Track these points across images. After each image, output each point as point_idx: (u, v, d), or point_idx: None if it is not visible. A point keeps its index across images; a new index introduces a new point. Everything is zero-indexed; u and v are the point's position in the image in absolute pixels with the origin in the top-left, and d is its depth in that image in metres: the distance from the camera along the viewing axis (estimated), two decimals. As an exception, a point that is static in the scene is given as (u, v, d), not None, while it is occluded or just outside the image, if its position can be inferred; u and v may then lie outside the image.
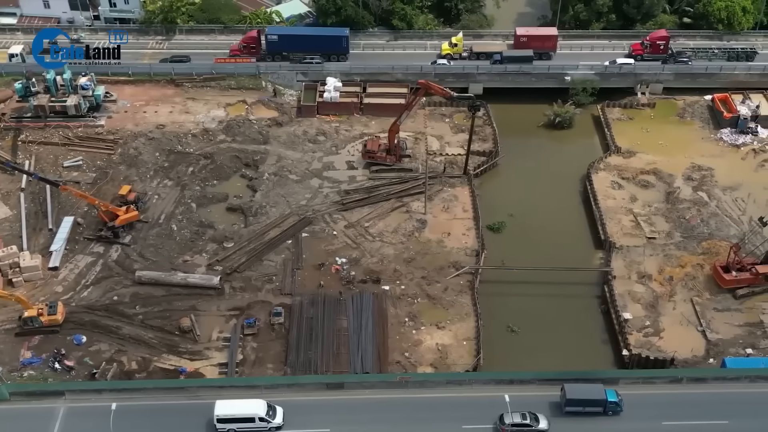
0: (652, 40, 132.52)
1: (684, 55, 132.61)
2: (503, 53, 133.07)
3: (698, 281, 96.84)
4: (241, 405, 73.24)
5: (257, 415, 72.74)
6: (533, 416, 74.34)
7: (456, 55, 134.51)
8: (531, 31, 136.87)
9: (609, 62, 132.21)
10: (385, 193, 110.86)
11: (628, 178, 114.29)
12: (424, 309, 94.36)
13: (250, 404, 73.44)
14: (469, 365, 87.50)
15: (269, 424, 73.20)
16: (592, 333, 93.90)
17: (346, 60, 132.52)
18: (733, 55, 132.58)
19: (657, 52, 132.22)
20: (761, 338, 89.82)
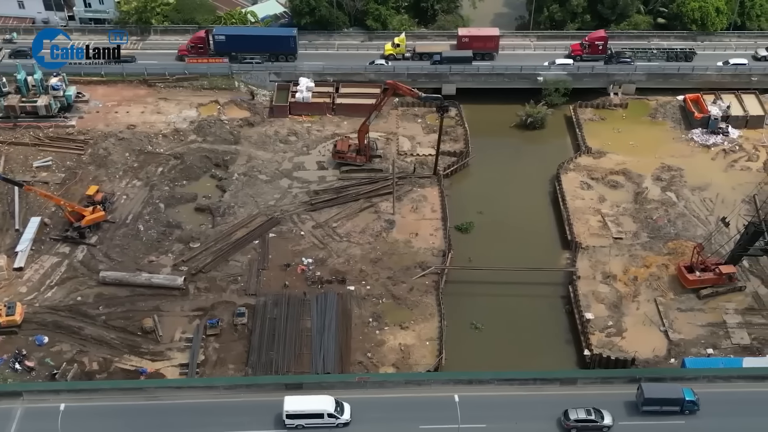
0: (591, 41, 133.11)
1: (624, 55, 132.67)
2: (443, 54, 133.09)
3: (663, 281, 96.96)
4: (310, 401, 73.46)
5: (326, 411, 72.74)
6: (598, 412, 74.16)
7: (399, 56, 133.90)
8: (473, 31, 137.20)
9: (548, 63, 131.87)
10: (354, 194, 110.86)
11: (597, 179, 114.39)
12: (389, 309, 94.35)
13: (318, 400, 73.58)
14: (431, 365, 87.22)
15: (337, 420, 73.31)
16: (556, 333, 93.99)
17: (294, 60, 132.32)
18: (672, 56, 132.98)
19: (596, 53, 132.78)
20: (723, 338, 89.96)
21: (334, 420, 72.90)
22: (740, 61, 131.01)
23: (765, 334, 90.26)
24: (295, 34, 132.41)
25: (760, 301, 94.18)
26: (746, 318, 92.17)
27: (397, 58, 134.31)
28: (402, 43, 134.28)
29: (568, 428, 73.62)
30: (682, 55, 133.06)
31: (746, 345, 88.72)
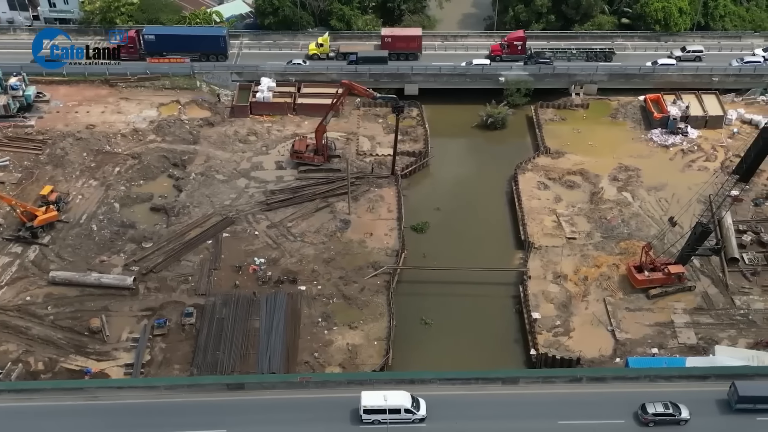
0: (510, 41, 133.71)
1: (543, 55, 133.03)
2: (358, 54, 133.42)
3: (613, 281, 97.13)
4: (388, 396, 73.45)
5: (403, 407, 73.04)
6: (675, 406, 74.34)
7: (323, 55, 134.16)
8: (396, 31, 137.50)
9: (465, 63, 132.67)
10: (310, 194, 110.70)
11: (554, 179, 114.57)
12: (339, 309, 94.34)
13: (396, 395, 73.65)
14: (377, 365, 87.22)
15: (414, 415, 73.63)
16: (505, 333, 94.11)
17: (225, 60, 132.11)
18: (591, 56, 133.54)
19: (515, 53, 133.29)
20: (670, 338, 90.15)
21: (411, 415, 73.38)
22: (668, 62, 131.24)
23: (712, 333, 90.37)
24: (225, 34, 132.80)
25: (709, 301, 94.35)
26: (694, 318, 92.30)
27: (321, 58, 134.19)
28: (326, 42, 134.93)
29: (645, 422, 73.89)
30: (601, 55, 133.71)
31: (693, 345, 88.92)
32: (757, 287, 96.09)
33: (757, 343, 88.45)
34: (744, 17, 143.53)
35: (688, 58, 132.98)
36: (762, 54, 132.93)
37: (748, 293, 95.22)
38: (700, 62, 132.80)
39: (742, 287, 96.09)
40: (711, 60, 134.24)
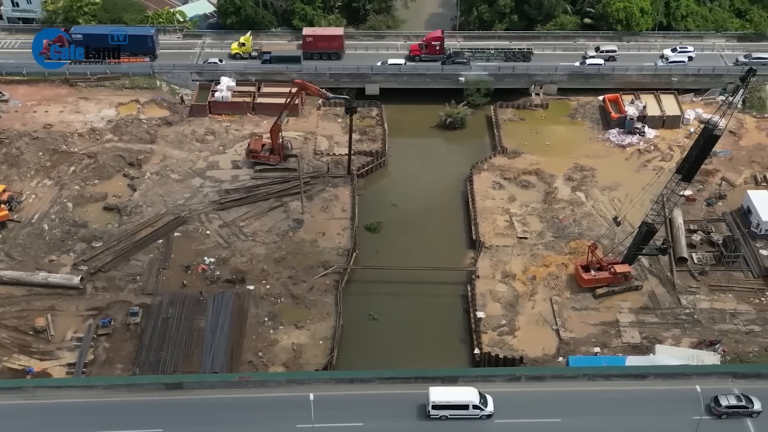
0: (428, 41, 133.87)
1: (462, 55, 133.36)
2: (272, 53, 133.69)
3: (560, 281, 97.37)
4: (456, 392, 74.56)
5: (471, 403, 73.78)
6: (748, 398, 74.93)
7: (246, 54, 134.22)
8: (318, 31, 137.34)
9: (381, 63, 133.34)
10: (264, 193, 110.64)
11: (510, 179, 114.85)
12: (286, 309, 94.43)
13: (463, 392, 74.63)
14: (321, 364, 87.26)
15: (481, 412, 74.26)
16: (452, 332, 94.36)
17: (155, 59, 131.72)
18: (510, 56, 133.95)
19: (433, 53, 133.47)
20: (614, 337, 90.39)
21: (479, 411, 74.04)
22: (597, 62, 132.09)
23: (656, 332, 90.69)
24: (153, 34, 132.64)
25: (656, 300, 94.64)
26: (639, 317, 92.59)
27: (244, 57, 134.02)
28: (248, 42, 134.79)
29: (718, 414, 74.62)
30: (520, 55, 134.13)
31: (636, 344, 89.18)
32: (704, 287, 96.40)
33: (700, 342, 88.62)
34: (707, 17, 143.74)
35: (602, 57, 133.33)
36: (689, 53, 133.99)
37: (695, 293, 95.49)
38: (614, 62, 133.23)
39: (689, 287, 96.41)
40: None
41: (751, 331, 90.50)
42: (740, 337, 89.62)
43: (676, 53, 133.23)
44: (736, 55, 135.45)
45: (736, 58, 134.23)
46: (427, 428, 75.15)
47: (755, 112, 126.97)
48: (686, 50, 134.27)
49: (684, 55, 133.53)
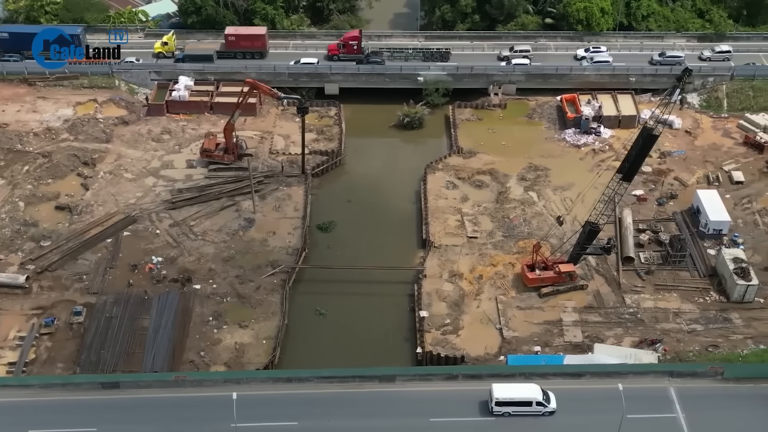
0: (345, 41, 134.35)
1: (379, 55, 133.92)
2: (184, 52, 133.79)
3: (507, 280, 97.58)
4: (519, 389, 75.22)
5: (535, 400, 74.20)
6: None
7: (169, 54, 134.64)
8: (240, 30, 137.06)
9: (294, 62, 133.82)
10: (217, 192, 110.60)
11: (463, 178, 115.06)
12: (232, 308, 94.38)
13: (527, 388, 75.25)
14: (262, 364, 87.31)
15: (545, 408, 74.64)
16: (397, 331, 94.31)
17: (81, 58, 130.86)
18: (428, 56, 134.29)
19: (351, 52, 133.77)
20: (557, 336, 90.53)
21: (542, 408, 74.42)
22: (522, 62, 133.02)
23: (599, 331, 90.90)
24: (79, 33, 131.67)
25: (601, 300, 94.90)
26: (583, 316, 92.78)
27: (167, 56, 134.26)
28: (170, 41, 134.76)
29: None
30: (438, 55, 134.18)
31: (578, 343, 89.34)
32: (650, 286, 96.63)
33: (641, 341, 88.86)
34: (668, 17, 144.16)
35: (515, 57, 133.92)
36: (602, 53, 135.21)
37: (640, 292, 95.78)
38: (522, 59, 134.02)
39: (634, 286, 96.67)
40: (628, 60, 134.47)
41: (694, 330, 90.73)
42: (682, 337, 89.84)
43: (589, 53, 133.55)
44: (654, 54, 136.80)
45: (651, 57, 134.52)
46: (352, 426, 75.23)
47: (712, 112, 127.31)
48: (599, 50, 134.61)
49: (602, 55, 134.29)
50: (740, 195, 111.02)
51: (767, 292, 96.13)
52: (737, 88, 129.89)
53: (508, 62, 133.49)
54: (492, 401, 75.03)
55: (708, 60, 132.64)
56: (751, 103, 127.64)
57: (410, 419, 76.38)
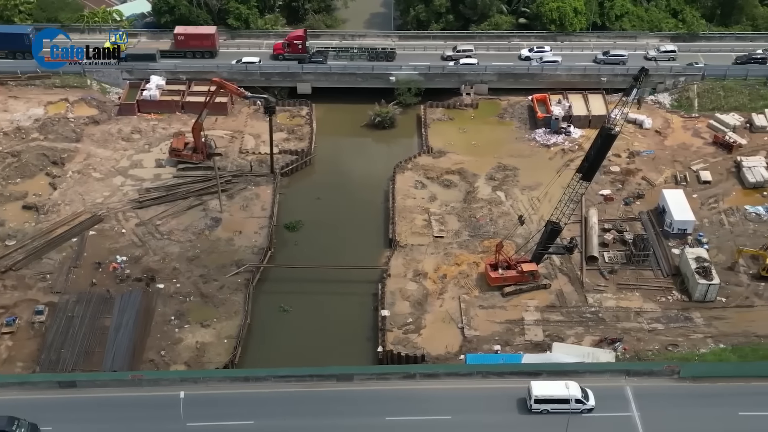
0: (290, 40, 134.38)
1: (324, 54, 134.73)
2: (127, 51, 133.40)
3: (470, 279, 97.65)
4: (558, 386, 75.14)
5: (574, 397, 74.33)
6: None
7: None
8: (189, 29, 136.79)
9: (235, 61, 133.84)
10: (184, 192, 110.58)
11: (432, 178, 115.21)
12: (195, 307, 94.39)
13: (565, 386, 75.14)
14: (223, 363, 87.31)
15: (583, 405, 74.83)
16: (361, 330, 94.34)
17: (32, 57, 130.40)
18: (373, 55, 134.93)
19: (296, 52, 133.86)
20: (518, 335, 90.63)
21: (581, 405, 74.65)
22: (470, 61, 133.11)
23: (560, 330, 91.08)
24: (29, 32, 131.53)
25: (563, 299, 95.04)
26: (545, 315, 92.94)
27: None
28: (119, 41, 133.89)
29: None
30: (382, 55, 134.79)
31: (538, 342, 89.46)
32: (612, 285, 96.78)
33: (601, 340, 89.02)
34: (643, 17, 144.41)
35: (458, 57, 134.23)
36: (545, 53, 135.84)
37: (602, 291, 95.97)
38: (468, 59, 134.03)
39: (597, 285, 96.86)
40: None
41: (654, 329, 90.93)
42: (642, 336, 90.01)
43: (533, 52, 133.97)
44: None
45: (595, 56, 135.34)
46: (308, 425, 75.31)
47: (683, 111, 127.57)
48: (543, 50, 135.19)
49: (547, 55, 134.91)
50: (707, 195, 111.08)
51: (730, 291, 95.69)
52: (708, 87, 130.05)
53: (456, 62, 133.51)
54: (531, 399, 75.33)
55: (654, 60, 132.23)
56: (722, 102, 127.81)
57: (367, 418, 76.21)
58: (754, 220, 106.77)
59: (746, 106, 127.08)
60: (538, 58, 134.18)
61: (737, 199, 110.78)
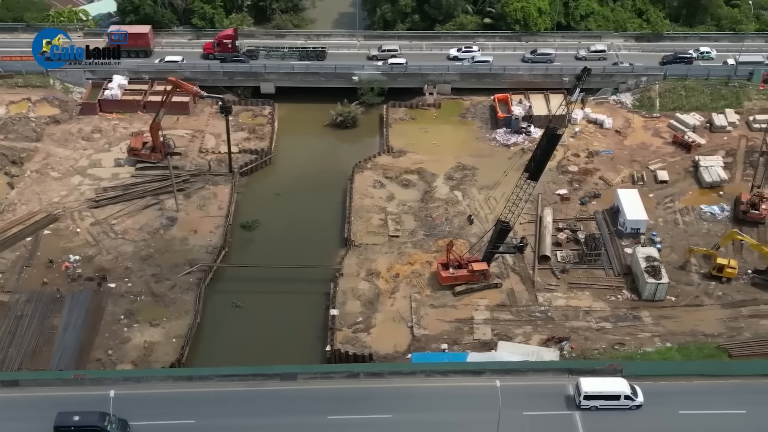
0: (220, 39, 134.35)
1: (252, 54, 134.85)
2: None
3: (423, 278, 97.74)
4: (608, 383, 76.03)
5: (623, 393, 74.91)
6: None
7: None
8: (123, 28, 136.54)
9: (159, 60, 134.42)
10: (141, 191, 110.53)
11: (391, 177, 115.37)
12: (145, 307, 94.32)
13: (615, 382, 76.08)
14: (169, 362, 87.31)
15: (632, 402, 75.37)
16: (311, 329, 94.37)
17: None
18: (304, 55, 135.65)
19: (226, 51, 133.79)
20: (467, 334, 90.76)
21: (630, 402, 75.24)
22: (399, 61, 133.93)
23: (508, 329, 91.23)
24: None
25: (514, 298, 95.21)
26: (494, 314, 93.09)
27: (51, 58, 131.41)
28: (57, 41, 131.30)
29: None
30: (313, 54, 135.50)
31: (486, 341, 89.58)
32: (564, 284, 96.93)
33: (549, 339, 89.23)
34: (608, 17, 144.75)
35: (384, 56, 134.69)
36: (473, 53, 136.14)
37: (553, 290, 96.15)
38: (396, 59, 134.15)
39: (549, 284, 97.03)
40: (563, 60, 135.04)
41: (603, 328, 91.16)
42: (590, 334, 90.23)
43: (461, 52, 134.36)
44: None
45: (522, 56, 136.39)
46: (250, 424, 75.35)
47: (644, 111, 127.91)
48: (471, 50, 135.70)
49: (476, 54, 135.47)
50: (663, 194, 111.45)
51: (680, 290, 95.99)
52: (670, 87, 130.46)
53: (385, 62, 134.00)
54: (580, 395, 75.64)
55: (584, 59, 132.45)
56: (683, 102, 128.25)
57: (309, 417, 76.28)
58: (709, 219, 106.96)
59: (707, 106, 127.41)
60: (469, 58, 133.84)
61: (693, 198, 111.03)
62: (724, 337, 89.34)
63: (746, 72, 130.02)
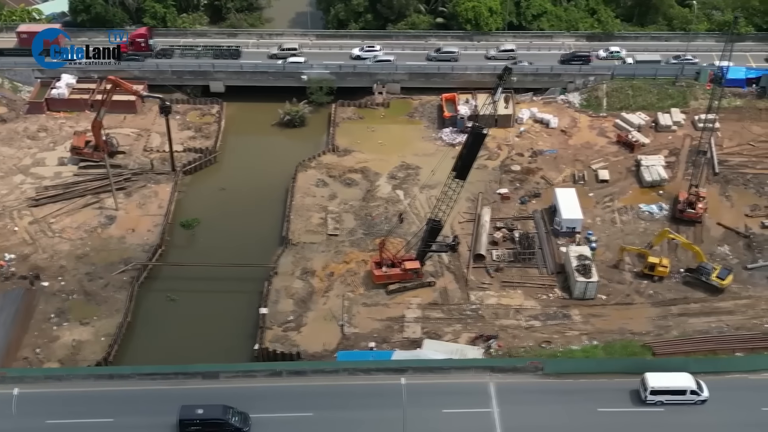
0: (133, 38, 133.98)
1: (166, 52, 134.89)
2: None
3: (357, 277, 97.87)
4: (674, 378, 76.51)
5: (689, 388, 75.39)
6: None
7: None
8: (32, 27, 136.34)
9: None
10: (82, 189, 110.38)
11: (335, 176, 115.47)
12: (77, 305, 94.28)
13: (681, 377, 76.57)
14: (95, 361, 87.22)
15: (698, 397, 75.70)
16: (242, 328, 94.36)
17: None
18: (218, 53, 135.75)
19: (139, 50, 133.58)
20: (397, 332, 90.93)
21: (695, 397, 75.66)
22: (298, 60, 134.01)
23: (438, 328, 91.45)
24: None
25: (446, 296, 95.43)
26: (426, 312, 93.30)
27: None
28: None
29: None
30: (227, 53, 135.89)
31: (416, 339, 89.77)
32: (497, 283, 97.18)
33: (477, 338, 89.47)
34: (561, 17, 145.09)
35: (284, 55, 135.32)
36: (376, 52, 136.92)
37: (486, 289, 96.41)
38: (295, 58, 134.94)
39: (482, 283, 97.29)
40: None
41: (531, 326, 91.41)
42: (518, 333, 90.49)
43: (363, 51, 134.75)
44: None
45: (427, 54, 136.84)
46: (170, 422, 75.33)
47: (591, 111, 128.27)
48: (373, 49, 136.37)
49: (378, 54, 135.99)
50: (603, 193, 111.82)
51: (611, 289, 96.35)
52: (617, 87, 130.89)
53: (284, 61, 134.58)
54: (647, 390, 75.98)
55: (493, 58, 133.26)
56: (630, 102, 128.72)
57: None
58: (647, 218, 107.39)
59: (654, 106, 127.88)
60: (372, 57, 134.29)
61: (633, 197, 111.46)
62: (651, 336, 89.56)
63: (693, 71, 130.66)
